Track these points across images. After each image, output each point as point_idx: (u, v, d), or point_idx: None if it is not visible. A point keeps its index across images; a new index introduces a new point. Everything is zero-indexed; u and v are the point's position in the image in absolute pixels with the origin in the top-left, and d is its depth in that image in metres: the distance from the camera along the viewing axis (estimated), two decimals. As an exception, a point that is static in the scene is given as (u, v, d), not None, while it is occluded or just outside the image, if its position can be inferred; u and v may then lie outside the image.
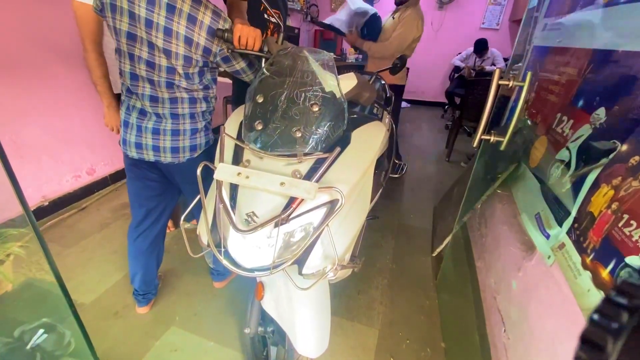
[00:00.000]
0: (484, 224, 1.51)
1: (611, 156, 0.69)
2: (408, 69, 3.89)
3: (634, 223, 0.62)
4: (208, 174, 0.87)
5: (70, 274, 1.63)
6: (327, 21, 2.35)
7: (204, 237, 0.88)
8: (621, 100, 0.70)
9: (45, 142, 2.04)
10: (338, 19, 2.30)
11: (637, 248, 0.59)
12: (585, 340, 0.23)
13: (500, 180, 1.37)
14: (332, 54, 0.91)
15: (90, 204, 2.24)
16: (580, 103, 0.86)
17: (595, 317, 0.23)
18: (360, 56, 4.51)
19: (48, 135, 2.06)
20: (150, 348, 1.28)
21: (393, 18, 2.35)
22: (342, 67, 3.10)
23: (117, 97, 1.26)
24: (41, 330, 1.28)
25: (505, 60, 4.29)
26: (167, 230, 1.97)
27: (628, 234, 0.62)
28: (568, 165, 0.84)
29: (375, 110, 1.46)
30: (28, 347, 1.23)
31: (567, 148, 0.87)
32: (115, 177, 2.49)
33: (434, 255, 1.92)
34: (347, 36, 2.31)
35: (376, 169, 1.51)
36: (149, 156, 1.12)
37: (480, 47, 4.30)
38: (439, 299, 1.61)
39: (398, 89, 2.46)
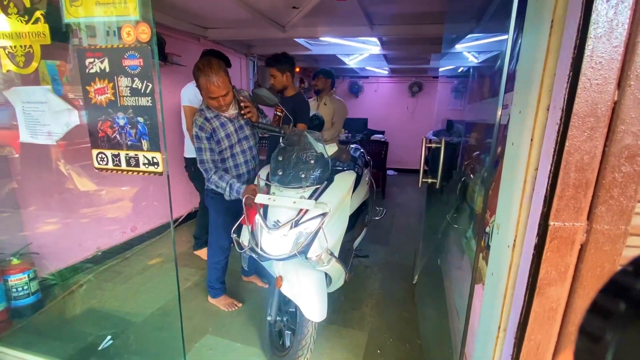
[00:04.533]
0: (448, 253, 1.98)
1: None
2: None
3: (488, 211, 1.15)
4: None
5: (123, 302, 2.02)
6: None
7: (246, 241, 1.38)
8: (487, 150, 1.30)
9: (103, 206, 2.61)
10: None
11: (487, 221, 1.12)
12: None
13: (450, 214, 1.90)
14: (319, 132, 1.55)
15: (132, 255, 2.69)
16: (481, 155, 1.46)
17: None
18: (350, 134, 5.41)
19: (106, 200, 2.64)
20: (191, 348, 1.64)
21: (325, 104, 2.91)
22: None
23: (192, 161, 2.22)
24: (109, 337, 1.66)
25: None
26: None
27: (486, 215, 1.15)
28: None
29: (357, 170, 2.07)
30: (99, 348, 1.60)
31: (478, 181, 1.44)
32: (152, 233, 2.99)
33: (414, 282, 2.32)
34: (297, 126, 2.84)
35: (361, 212, 2.04)
36: None
37: (448, 125, 5.23)
38: (417, 310, 1.97)
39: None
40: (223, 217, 1.79)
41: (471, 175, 1.66)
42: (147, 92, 0.97)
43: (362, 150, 2.64)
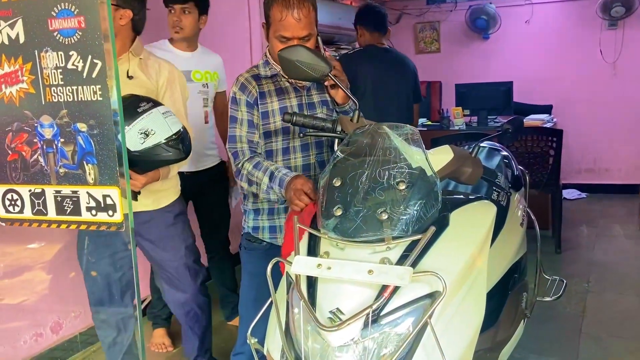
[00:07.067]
0: None
1: None
2: None
3: None
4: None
5: None
6: None
7: (276, 352, 1.44)
8: None
9: None
10: None
11: None
12: None
13: None
14: (412, 127, 1.59)
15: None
16: None
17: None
18: (475, 118, 5.37)
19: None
20: None
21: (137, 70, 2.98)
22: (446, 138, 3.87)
23: None
24: None
25: None
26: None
27: None
28: None
29: (496, 196, 2.06)
30: None
31: None
32: (87, 337, 3.20)
33: None
34: None
35: (511, 286, 2.02)
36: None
37: None
38: None
39: None
40: (263, 286, 1.77)
41: None
42: (95, 75, 1.11)
43: (505, 152, 2.62)
